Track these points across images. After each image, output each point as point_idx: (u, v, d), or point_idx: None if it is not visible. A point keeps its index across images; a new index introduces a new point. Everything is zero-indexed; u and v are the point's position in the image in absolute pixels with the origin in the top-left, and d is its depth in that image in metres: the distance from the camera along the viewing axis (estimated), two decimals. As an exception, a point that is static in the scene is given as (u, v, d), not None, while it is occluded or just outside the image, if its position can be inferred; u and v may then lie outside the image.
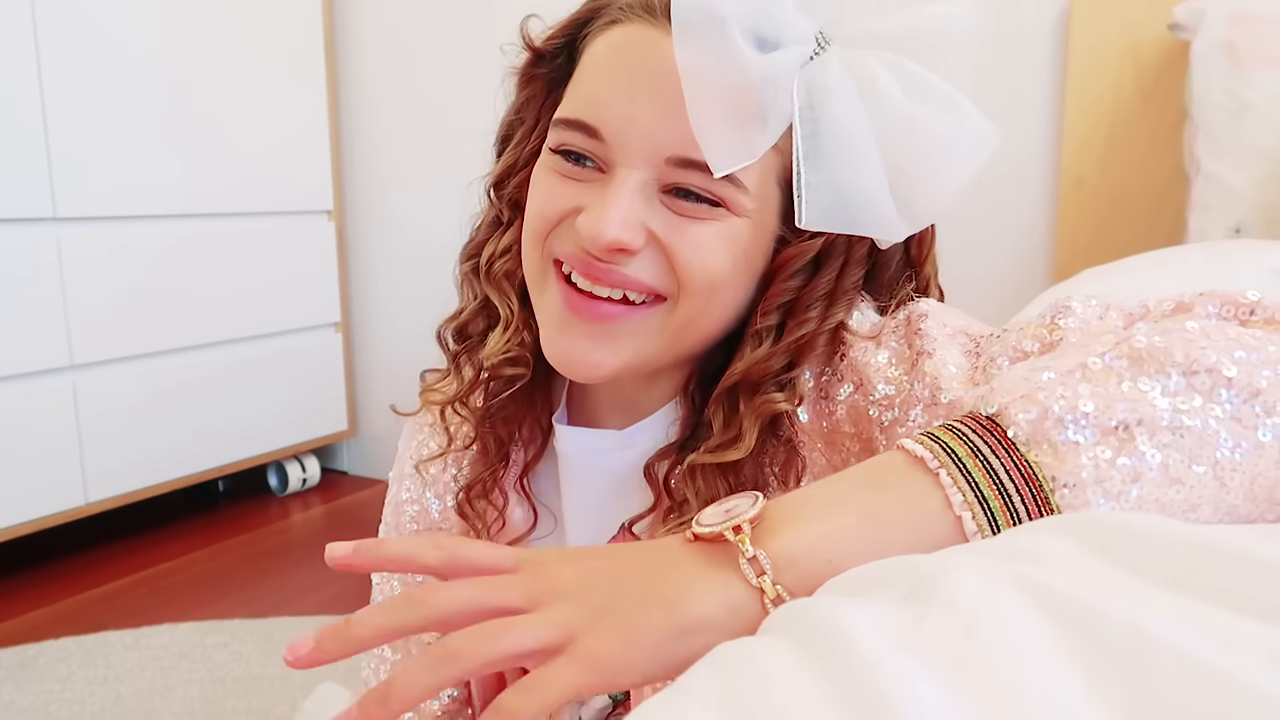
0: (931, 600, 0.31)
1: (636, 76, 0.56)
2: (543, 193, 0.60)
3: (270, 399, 2.28)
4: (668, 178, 0.56)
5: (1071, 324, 0.50)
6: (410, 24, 2.34)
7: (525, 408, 0.69)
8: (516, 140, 0.67)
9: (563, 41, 0.63)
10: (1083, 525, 0.35)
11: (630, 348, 0.59)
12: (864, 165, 0.55)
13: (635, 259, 0.57)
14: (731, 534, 0.40)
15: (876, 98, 0.54)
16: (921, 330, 0.56)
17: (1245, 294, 0.46)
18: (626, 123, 0.56)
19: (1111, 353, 0.42)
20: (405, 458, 0.76)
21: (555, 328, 0.60)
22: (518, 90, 0.66)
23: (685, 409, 0.64)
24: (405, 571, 0.64)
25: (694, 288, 0.57)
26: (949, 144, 0.56)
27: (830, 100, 0.54)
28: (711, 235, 0.57)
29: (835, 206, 0.55)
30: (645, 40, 0.57)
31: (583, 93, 0.59)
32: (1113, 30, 1.62)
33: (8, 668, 1.55)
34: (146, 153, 1.97)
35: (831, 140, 0.55)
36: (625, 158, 0.56)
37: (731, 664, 0.32)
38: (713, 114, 0.53)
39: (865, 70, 0.55)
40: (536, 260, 0.61)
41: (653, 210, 0.57)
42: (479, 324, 0.68)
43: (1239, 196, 1.31)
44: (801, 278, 0.60)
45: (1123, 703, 0.26)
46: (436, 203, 2.37)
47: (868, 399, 0.57)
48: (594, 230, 0.55)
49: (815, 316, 0.59)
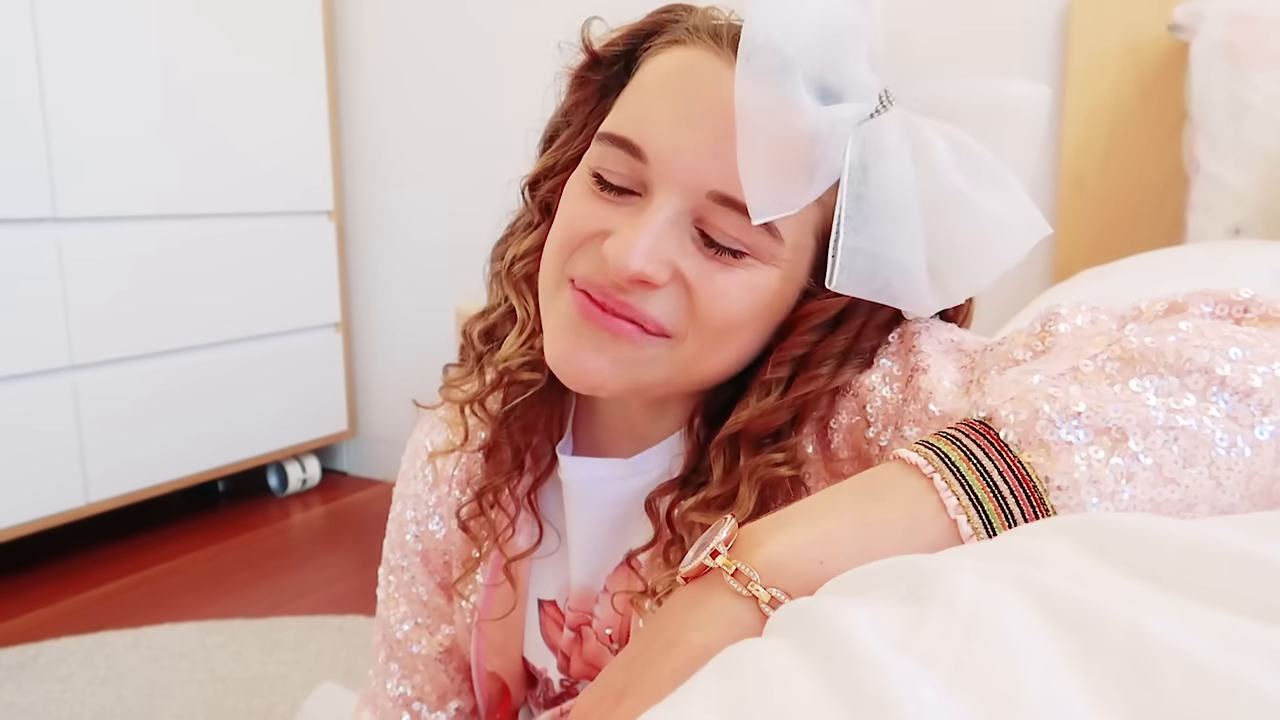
0: (932, 601, 0.31)
1: (692, 102, 0.54)
2: (574, 208, 0.58)
3: (270, 399, 2.28)
4: (703, 213, 0.54)
5: (1063, 330, 0.49)
6: (410, 25, 2.34)
7: (541, 416, 0.67)
8: (560, 143, 0.64)
9: (622, 50, 0.61)
10: (1081, 526, 0.35)
11: (632, 371, 0.57)
12: (906, 235, 0.53)
13: (655, 295, 0.55)
14: (710, 560, 0.42)
15: (930, 168, 0.52)
16: (915, 347, 0.56)
17: (1238, 292, 0.45)
18: (674, 148, 0.54)
19: (1104, 354, 0.42)
20: (408, 476, 0.75)
21: (562, 332, 0.58)
22: (569, 92, 0.64)
23: (690, 443, 0.62)
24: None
25: (707, 328, 0.55)
26: (997, 226, 0.53)
27: (883, 163, 0.52)
28: (739, 284, 0.55)
29: (869, 273, 0.53)
30: (706, 67, 0.55)
31: (633, 109, 0.57)
32: (1112, 31, 1.63)
33: (8, 668, 1.55)
34: (147, 153, 1.97)
35: (877, 204, 0.53)
36: (666, 184, 0.54)
37: (733, 665, 0.32)
38: (762, 159, 0.51)
39: (923, 138, 0.53)
40: (554, 273, 0.59)
41: (682, 247, 0.55)
42: (507, 327, 0.66)
43: (1239, 197, 1.31)
44: (819, 333, 0.58)
45: (1123, 703, 0.26)
46: (437, 203, 2.37)
47: (863, 417, 0.57)
48: (620, 258, 0.53)
49: (825, 374, 0.57)
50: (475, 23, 2.24)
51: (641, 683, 0.41)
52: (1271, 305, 0.45)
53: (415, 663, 0.76)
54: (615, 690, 0.42)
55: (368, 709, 0.78)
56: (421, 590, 0.76)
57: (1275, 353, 0.40)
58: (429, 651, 0.76)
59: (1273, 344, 0.41)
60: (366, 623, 1.69)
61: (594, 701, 0.44)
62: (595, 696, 0.44)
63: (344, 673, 1.53)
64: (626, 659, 0.44)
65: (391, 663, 0.77)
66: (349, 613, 1.73)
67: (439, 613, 0.76)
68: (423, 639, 0.76)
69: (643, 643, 0.44)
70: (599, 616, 0.67)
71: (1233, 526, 0.38)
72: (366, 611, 1.73)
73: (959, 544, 0.39)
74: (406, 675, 0.76)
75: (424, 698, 0.77)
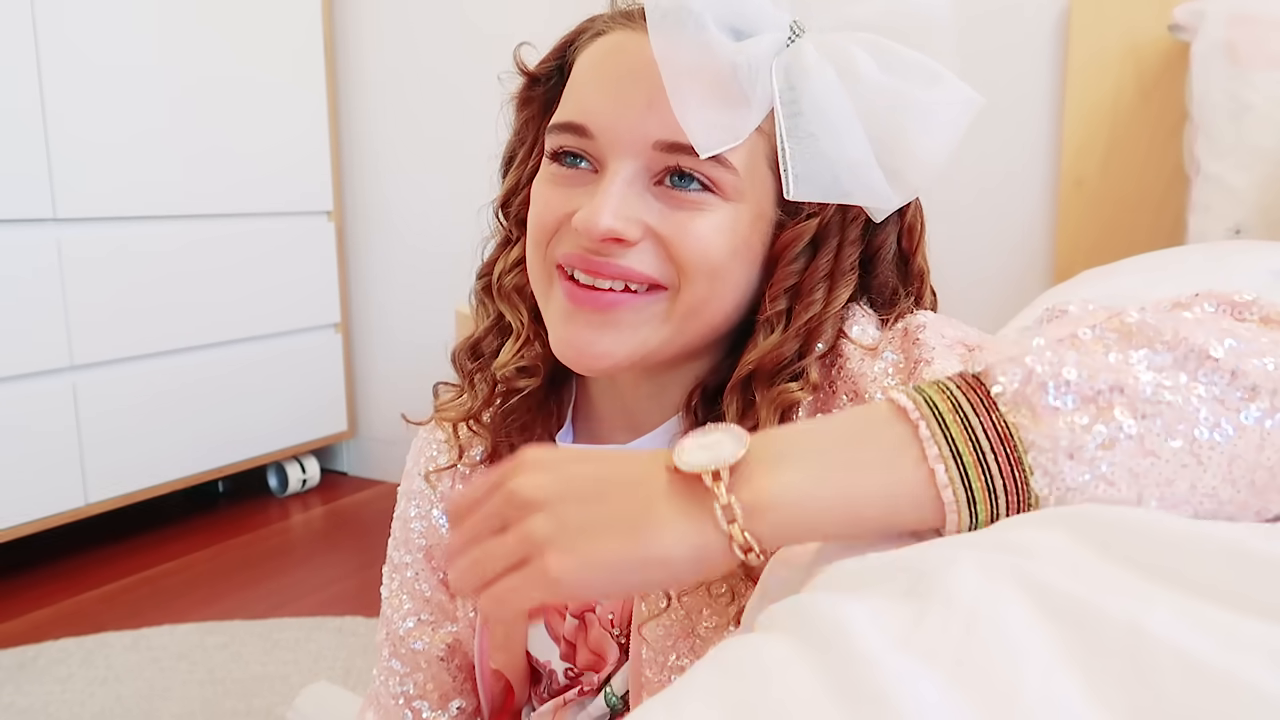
0: (931, 596, 0.31)
1: (621, 75, 0.59)
2: (541, 201, 0.62)
3: (270, 400, 2.28)
4: (657, 164, 0.58)
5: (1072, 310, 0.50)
6: (409, 28, 2.34)
7: (537, 417, 0.70)
8: (519, 160, 0.69)
9: (554, 64, 0.66)
10: (1081, 520, 0.35)
11: (636, 336, 0.60)
12: (847, 137, 0.57)
13: (633, 251, 0.58)
14: (710, 480, 0.42)
15: (856, 77, 0.57)
16: (920, 340, 0.57)
17: (1240, 294, 0.46)
18: (613, 117, 0.58)
19: (1103, 324, 0.42)
20: (413, 474, 0.77)
21: (561, 322, 0.61)
22: (517, 114, 0.69)
23: (689, 423, 0.64)
24: None
25: (695, 275, 0.59)
26: (933, 113, 0.57)
27: (809, 81, 0.57)
28: (709, 225, 0.58)
29: (822, 176, 0.58)
30: (626, 43, 0.60)
31: (572, 99, 0.62)
32: (1113, 31, 1.63)
33: (8, 668, 1.55)
34: (147, 153, 1.97)
35: (813, 117, 0.57)
36: (615, 150, 0.58)
37: (732, 661, 0.32)
38: (692, 98, 0.55)
39: (842, 52, 0.57)
40: (540, 267, 0.63)
41: (647, 204, 0.58)
42: (493, 341, 0.70)
43: (1239, 197, 1.31)
44: (802, 261, 0.61)
45: (1122, 701, 0.26)
46: (436, 203, 2.37)
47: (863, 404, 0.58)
48: (588, 222, 0.57)
49: (820, 299, 0.61)
50: (473, 26, 2.25)
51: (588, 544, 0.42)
52: (1273, 308, 0.45)
53: (418, 660, 0.76)
54: (566, 521, 0.43)
55: (371, 709, 0.79)
56: (425, 586, 0.76)
57: (1271, 348, 0.41)
58: (432, 649, 0.76)
59: (1270, 340, 0.41)
60: (366, 623, 1.69)
61: (539, 500, 0.43)
62: (542, 495, 0.43)
63: (343, 673, 1.53)
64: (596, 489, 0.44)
65: (394, 660, 0.77)
66: (349, 613, 1.73)
67: (442, 609, 0.76)
68: (425, 635, 0.76)
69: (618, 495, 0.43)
70: (602, 603, 0.68)
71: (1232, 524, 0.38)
72: (366, 612, 1.73)
73: (934, 492, 0.40)
74: (409, 673, 0.77)
75: (425, 696, 0.77)
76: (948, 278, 0.70)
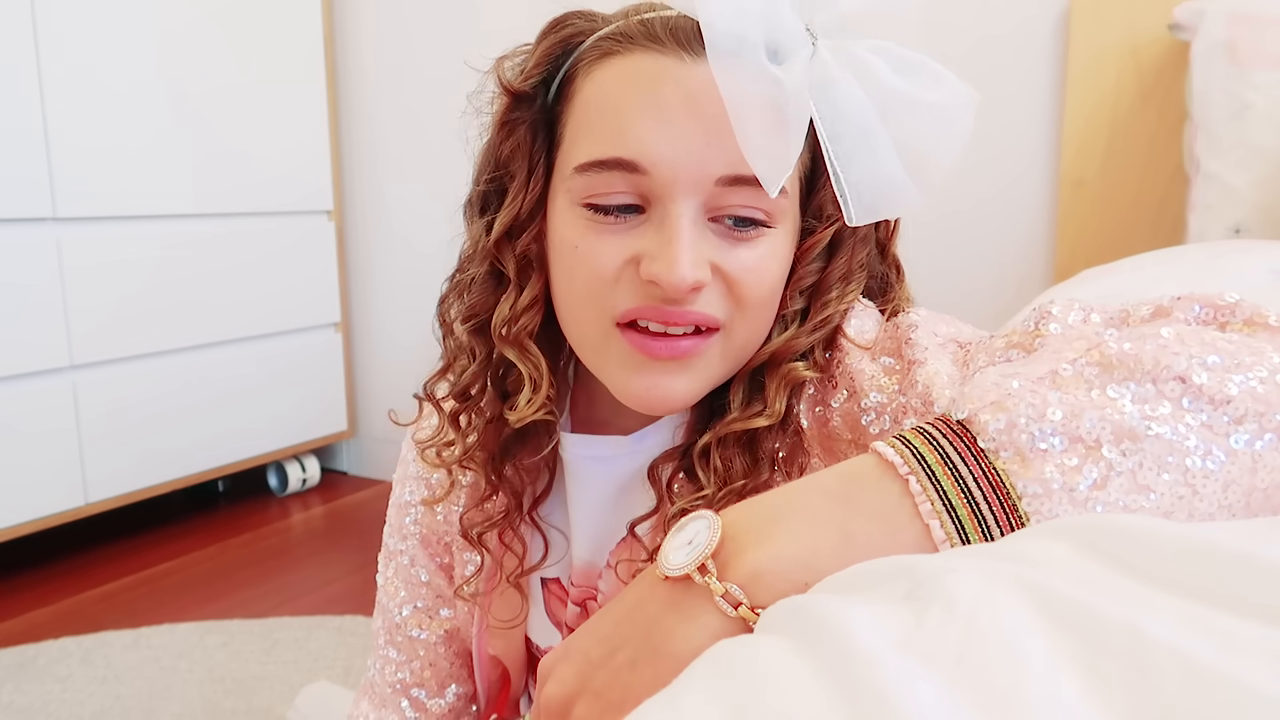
0: (931, 600, 0.31)
1: (671, 105, 0.55)
2: (592, 253, 0.57)
3: (270, 399, 2.28)
4: (715, 201, 0.56)
5: (1054, 329, 0.50)
6: (409, 27, 2.34)
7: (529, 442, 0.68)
8: (514, 193, 0.61)
9: (541, 79, 0.61)
10: (1082, 528, 0.35)
11: (705, 374, 0.59)
12: (882, 150, 0.56)
13: (702, 293, 0.57)
14: (698, 575, 0.41)
15: (875, 82, 0.56)
16: (912, 340, 0.57)
17: (1224, 296, 0.45)
18: (673, 152, 0.55)
19: (1083, 359, 0.42)
20: (408, 459, 0.76)
21: (630, 372, 0.58)
22: (500, 141, 0.62)
23: (692, 413, 0.64)
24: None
25: (752, 309, 0.58)
26: (941, 113, 0.57)
27: (838, 95, 0.55)
28: (764, 255, 0.58)
29: (872, 195, 0.57)
30: (663, 70, 0.56)
31: (606, 130, 0.57)
32: (1113, 31, 1.62)
33: (8, 668, 1.55)
34: (147, 153, 1.97)
35: (850, 134, 0.56)
36: (674, 188, 0.55)
37: (730, 662, 0.32)
38: (758, 134, 0.53)
39: (857, 60, 0.56)
40: (597, 323, 0.59)
41: (710, 243, 0.57)
42: (480, 383, 0.65)
43: (1239, 196, 1.31)
44: (820, 261, 0.62)
45: (1122, 704, 0.26)
46: (436, 203, 2.37)
47: (860, 407, 0.58)
48: (672, 277, 0.54)
49: (835, 297, 0.61)
50: (474, 26, 2.24)
51: (617, 680, 0.42)
52: (1257, 310, 0.44)
53: (415, 647, 0.76)
54: (596, 689, 0.43)
55: (365, 698, 0.79)
56: (421, 572, 0.76)
57: (1253, 361, 0.40)
58: (429, 636, 0.76)
59: (1251, 352, 0.41)
60: (366, 622, 1.69)
61: (572, 692, 0.44)
62: (573, 685, 0.44)
63: (343, 673, 1.53)
64: (612, 629, 0.44)
65: (390, 648, 0.77)
66: (348, 613, 1.73)
67: (439, 595, 0.76)
68: (422, 623, 0.76)
69: (628, 629, 0.44)
70: (604, 590, 0.68)
71: (1232, 529, 0.38)
72: (366, 611, 1.73)
73: (932, 547, 0.39)
74: (405, 661, 0.77)
75: (423, 683, 0.77)
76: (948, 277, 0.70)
